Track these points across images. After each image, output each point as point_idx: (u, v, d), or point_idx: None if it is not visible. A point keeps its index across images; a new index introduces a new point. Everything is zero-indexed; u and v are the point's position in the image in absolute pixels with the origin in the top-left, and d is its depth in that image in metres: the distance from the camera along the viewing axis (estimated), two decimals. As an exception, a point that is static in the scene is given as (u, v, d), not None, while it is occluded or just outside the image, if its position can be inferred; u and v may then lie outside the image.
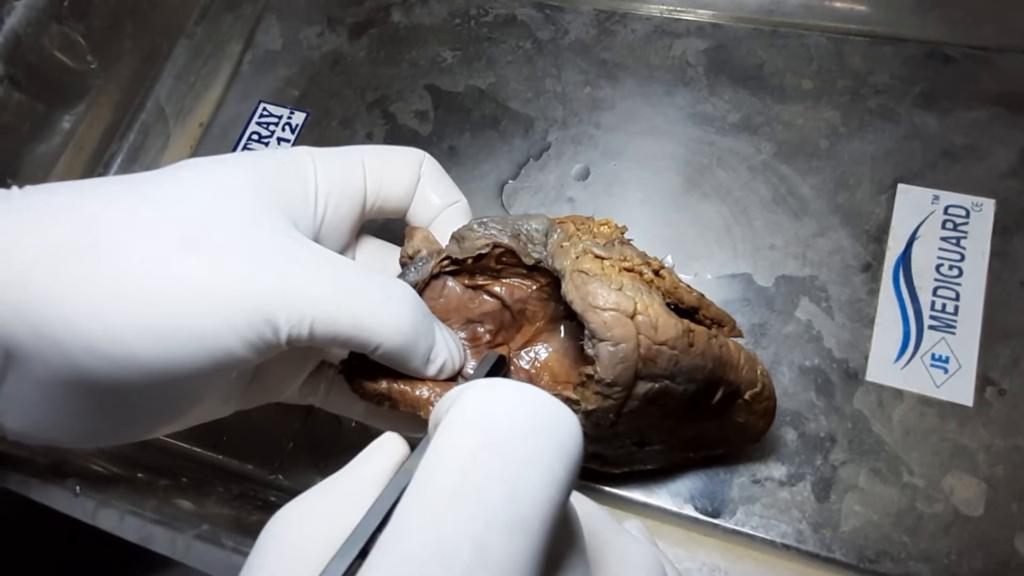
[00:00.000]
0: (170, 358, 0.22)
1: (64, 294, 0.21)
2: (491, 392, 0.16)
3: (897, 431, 0.33)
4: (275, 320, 0.22)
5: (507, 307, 0.29)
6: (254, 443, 0.37)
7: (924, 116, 0.40)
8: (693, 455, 0.30)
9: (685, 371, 0.24)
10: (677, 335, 0.24)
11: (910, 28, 0.42)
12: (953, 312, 0.35)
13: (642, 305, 0.24)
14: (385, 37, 0.48)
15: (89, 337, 0.21)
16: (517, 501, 0.14)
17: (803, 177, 0.40)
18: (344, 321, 0.24)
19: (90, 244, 0.22)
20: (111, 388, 0.22)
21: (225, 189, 0.24)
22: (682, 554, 0.32)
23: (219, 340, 0.22)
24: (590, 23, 0.46)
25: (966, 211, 0.37)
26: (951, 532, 0.31)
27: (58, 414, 0.23)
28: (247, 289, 0.22)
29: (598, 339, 0.23)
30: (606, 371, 0.23)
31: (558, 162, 0.43)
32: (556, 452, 0.15)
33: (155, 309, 0.22)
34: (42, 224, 0.22)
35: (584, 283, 0.24)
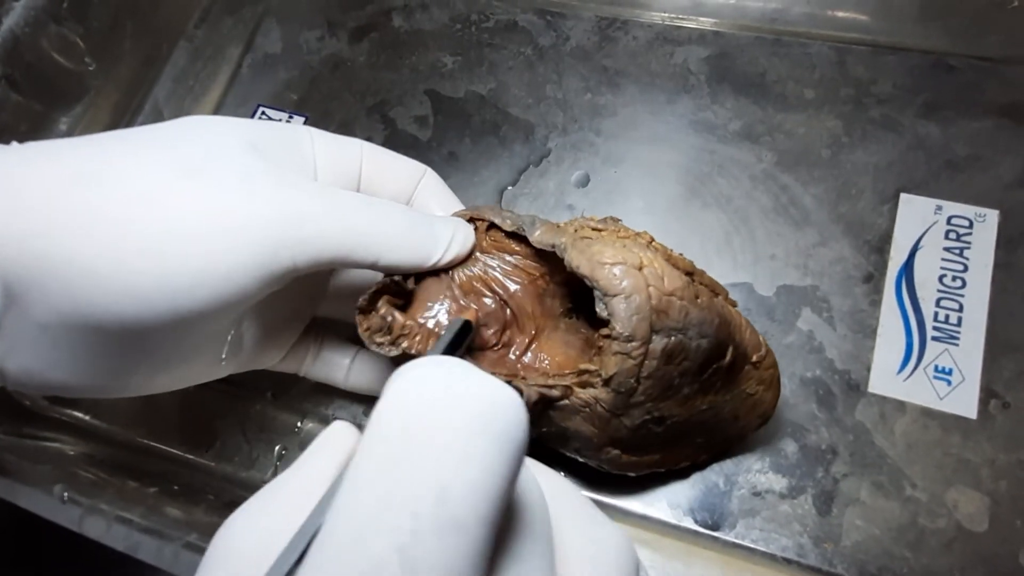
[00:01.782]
0: (174, 287, 0.22)
1: (66, 226, 0.21)
2: (421, 378, 0.14)
3: (899, 444, 0.32)
4: (274, 241, 0.23)
5: (505, 303, 0.28)
6: (248, 449, 0.36)
7: (927, 126, 0.39)
8: (702, 441, 0.30)
9: (696, 323, 0.25)
10: (684, 284, 0.24)
11: (913, 38, 0.42)
12: (956, 324, 0.35)
13: (646, 259, 0.24)
14: (386, 42, 0.48)
15: (92, 268, 0.21)
16: (448, 502, 0.13)
17: (805, 187, 0.39)
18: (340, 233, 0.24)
19: (92, 177, 0.22)
20: (113, 323, 0.22)
21: (224, 132, 0.25)
22: (680, 568, 0.31)
23: (223, 265, 0.22)
24: (591, 30, 0.46)
25: (969, 222, 0.37)
26: (954, 548, 0.30)
27: (58, 354, 0.22)
28: (249, 211, 0.23)
29: (611, 295, 0.24)
30: (623, 325, 0.23)
31: (558, 169, 0.42)
32: (493, 441, 0.14)
33: (158, 236, 0.22)
34: (44, 164, 0.22)
35: (588, 246, 0.25)
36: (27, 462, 0.28)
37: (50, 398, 0.39)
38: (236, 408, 0.37)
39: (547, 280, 0.29)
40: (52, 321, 0.21)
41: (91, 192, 0.22)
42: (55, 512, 0.26)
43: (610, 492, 0.33)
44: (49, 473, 0.27)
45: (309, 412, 0.37)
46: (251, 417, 0.37)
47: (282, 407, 0.37)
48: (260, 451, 0.36)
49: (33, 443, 0.32)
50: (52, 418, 0.37)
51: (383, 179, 0.29)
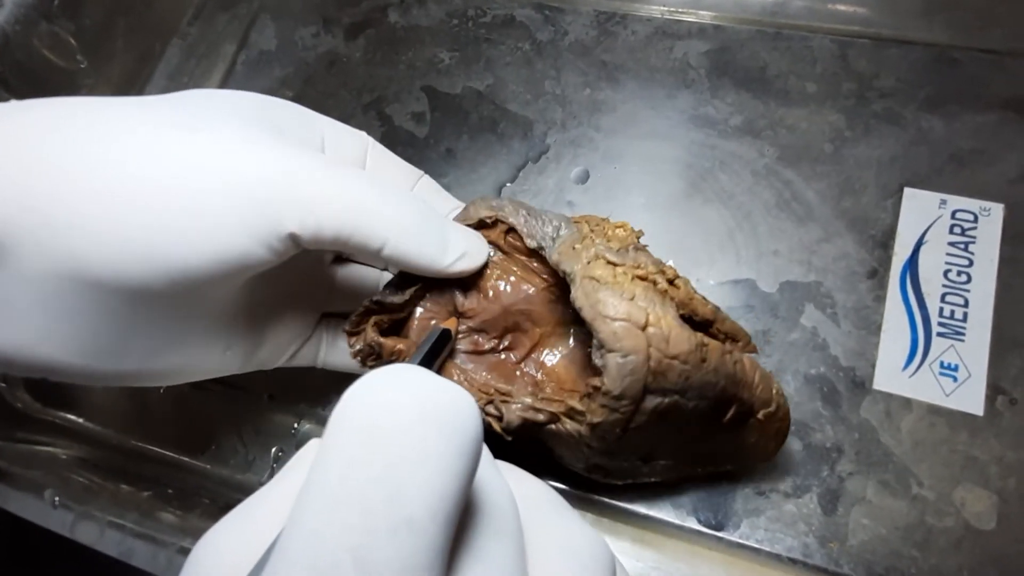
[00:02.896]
0: (171, 243, 0.21)
1: (61, 177, 0.20)
2: (373, 384, 0.14)
3: (906, 442, 0.32)
4: (278, 204, 0.22)
5: (511, 307, 0.27)
6: (245, 451, 0.36)
7: (931, 120, 0.39)
8: (700, 470, 0.29)
9: (696, 387, 0.23)
10: (690, 349, 0.23)
11: (916, 31, 0.42)
12: (962, 319, 0.34)
13: (654, 316, 0.23)
14: (382, 38, 0.48)
15: (86, 220, 0.20)
16: (400, 501, 0.13)
17: (807, 182, 0.39)
18: (347, 208, 0.23)
19: (88, 128, 0.21)
20: (108, 280, 0.21)
21: (234, 100, 0.24)
22: (685, 569, 0.31)
23: (223, 222, 0.21)
24: (590, 24, 0.45)
25: (974, 216, 0.36)
26: (962, 547, 0.30)
27: (49, 322, 0.21)
28: (252, 171, 0.22)
29: (607, 350, 0.22)
30: (614, 383, 0.22)
31: (557, 165, 0.42)
32: (446, 440, 0.14)
33: (156, 189, 0.21)
34: (39, 117, 0.22)
35: (595, 290, 0.23)
36: (17, 466, 0.27)
37: (43, 398, 0.38)
38: (232, 410, 0.37)
39: (560, 288, 0.28)
40: (46, 277, 0.21)
41: (86, 143, 0.21)
42: (46, 517, 0.25)
43: (612, 494, 0.32)
44: (40, 477, 0.27)
45: (306, 413, 0.36)
46: (247, 419, 0.37)
47: (279, 409, 0.37)
48: (256, 453, 0.35)
49: (25, 447, 0.31)
50: (44, 421, 0.36)
51: (385, 173, 0.28)
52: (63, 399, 0.38)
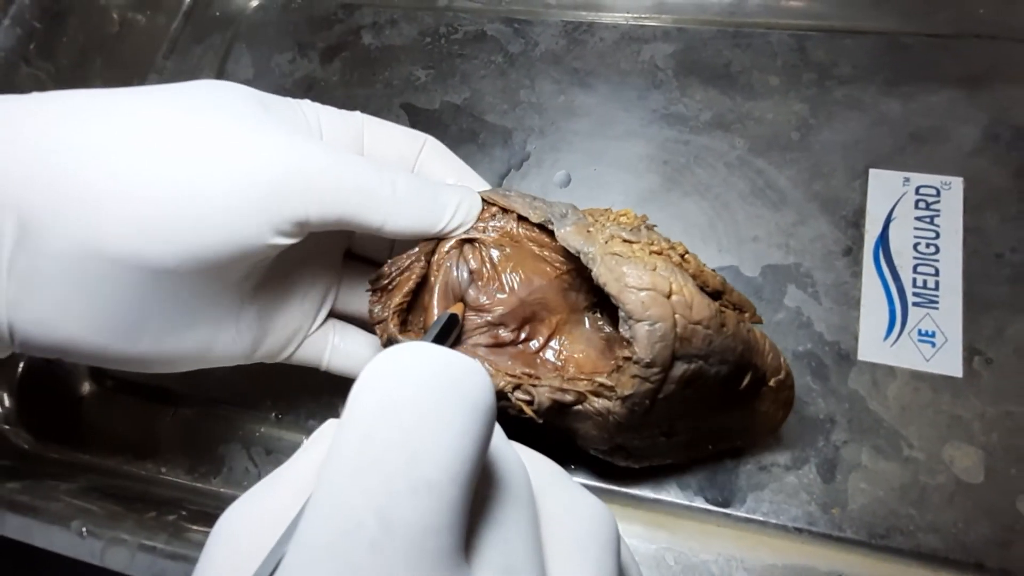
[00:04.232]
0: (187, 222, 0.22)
1: (83, 162, 0.22)
2: (389, 359, 0.15)
3: (893, 407, 0.34)
4: (284, 189, 0.23)
5: (526, 298, 0.28)
6: (257, 472, 0.36)
7: (889, 103, 0.41)
8: (712, 447, 0.31)
9: (718, 352, 0.25)
10: (711, 314, 0.24)
11: (868, 20, 0.44)
12: (934, 288, 0.36)
13: (676, 285, 0.24)
14: (357, 59, 0.49)
15: (104, 198, 0.21)
16: (419, 464, 0.14)
17: (779, 169, 0.41)
18: (347, 189, 0.25)
19: (102, 112, 0.23)
20: (126, 265, 0.22)
21: (235, 89, 0.26)
22: (696, 547, 0.32)
23: (236, 204, 0.23)
24: (559, 34, 0.47)
25: (936, 190, 0.38)
26: (955, 501, 0.31)
27: (71, 299, 0.22)
28: (261, 155, 0.23)
29: (635, 319, 0.23)
30: (645, 351, 0.23)
31: (539, 170, 0.43)
32: (461, 407, 0.15)
33: (170, 170, 0.22)
34: (56, 104, 0.23)
35: (618, 264, 0.24)
36: (39, 500, 0.27)
37: (46, 436, 0.38)
38: (240, 431, 0.37)
39: (573, 275, 0.29)
40: (66, 255, 0.22)
41: (104, 129, 0.22)
42: (75, 548, 0.25)
43: (620, 480, 0.34)
44: (63, 510, 0.27)
45: (315, 430, 0.37)
46: (256, 440, 0.37)
47: (288, 427, 0.37)
48: (269, 472, 0.36)
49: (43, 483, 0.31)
50: (51, 459, 0.37)
51: (385, 148, 0.30)
52: (67, 436, 0.39)
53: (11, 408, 0.39)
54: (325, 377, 0.38)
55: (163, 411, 0.38)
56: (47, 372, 0.40)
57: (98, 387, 0.40)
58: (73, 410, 0.39)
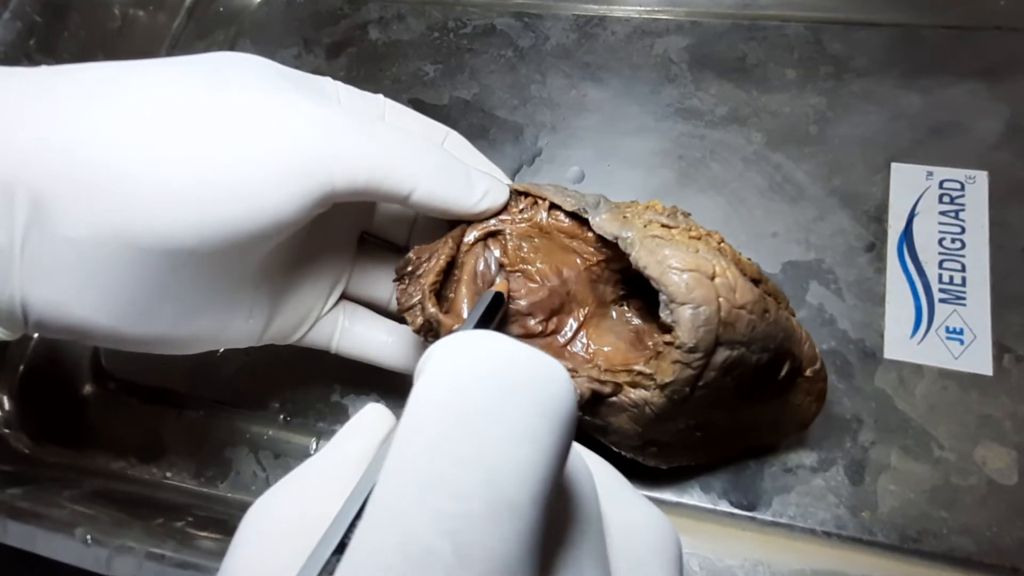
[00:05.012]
0: (208, 198, 0.21)
1: (98, 133, 0.21)
2: (460, 352, 0.14)
3: (921, 406, 0.33)
4: (312, 159, 0.23)
5: (555, 291, 0.28)
6: (265, 476, 0.35)
7: (908, 95, 0.40)
8: (741, 443, 0.30)
9: (760, 338, 0.24)
10: (755, 299, 0.23)
11: (884, 12, 0.43)
12: (961, 283, 0.35)
13: (720, 268, 0.23)
14: (364, 55, 0.48)
15: (123, 175, 0.21)
16: (496, 483, 0.12)
17: (796, 163, 0.40)
18: (376, 156, 0.24)
19: (124, 85, 0.22)
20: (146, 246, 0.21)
21: (257, 61, 0.25)
22: (721, 551, 0.31)
23: (261, 177, 0.22)
24: (569, 28, 0.46)
25: (960, 184, 0.38)
26: (988, 503, 0.30)
27: (84, 280, 0.22)
28: (287, 125, 0.23)
29: (678, 303, 0.22)
30: (688, 335, 0.22)
31: (552, 166, 0.42)
32: (541, 415, 0.13)
33: (192, 144, 0.21)
34: (76, 77, 0.22)
35: (659, 247, 0.23)
36: (42, 507, 0.26)
37: (46, 439, 0.37)
38: (247, 434, 0.36)
39: (603, 267, 0.28)
40: (82, 235, 0.21)
41: (123, 99, 0.22)
42: (80, 556, 0.24)
43: (642, 482, 0.33)
44: (67, 516, 0.26)
45: (324, 433, 0.36)
46: (263, 443, 0.36)
47: (296, 429, 0.36)
48: (277, 477, 0.35)
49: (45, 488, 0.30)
50: (52, 463, 0.35)
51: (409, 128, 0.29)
52: (69, 439, 0.37)
53: (11, 411, 0.38)
54: (334, 378, 0.37)
55: (168, 413, 0.37)
56: (48, 374, 0.39)
57: (100, 389, 0.38)
58: (75, 413, 0.38)
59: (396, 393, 0.36)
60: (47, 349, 0.39)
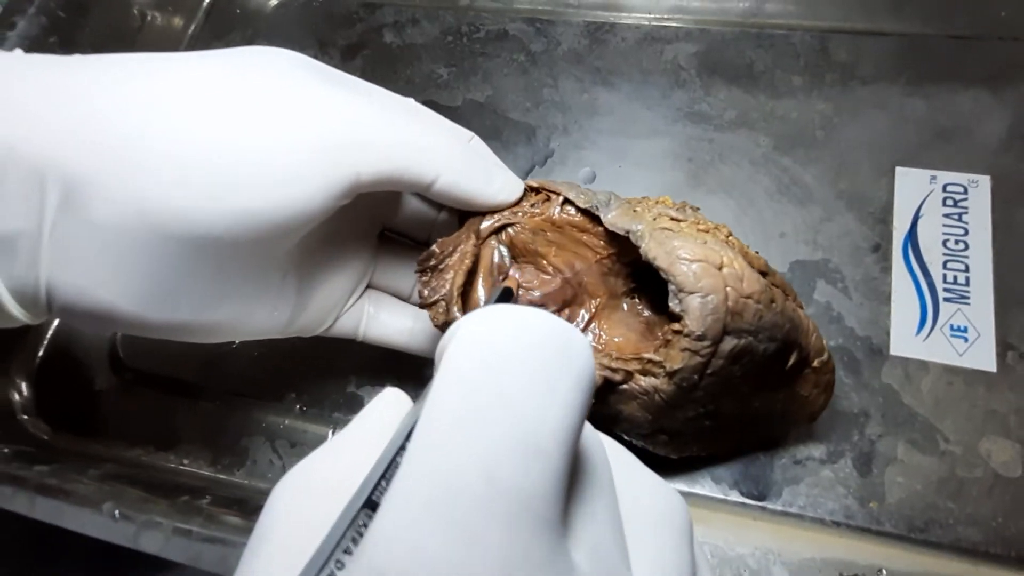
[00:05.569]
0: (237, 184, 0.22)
1: (129, 120, 0.21)
2: (490, 317, 0.15)
3: (928, 401, 0.33)
4: (340, 148, 0.23)
5: (568, 282, 0.28)
6: (282, 464, 0.36)
7: (913, 102, 0.41)
8: (750, 435, 0.30)
9: (767, 328, 0.24)
10: (761, 289, 0.24)
11: (889, 22, 0.44)
12: (965, 283, 0.36)
13: (727, 258, 0.24)
14: (379, 57, 0.49)
15: (154, 161, 0.21)
16: (525, 426, 0.13)
17: (804, 167, 0.41)
18: (403, 145, 0.24)
19: (156, 73, 0.23)
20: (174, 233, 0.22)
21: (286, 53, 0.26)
22: (732, 540, 0.31)
23: (289, 165, 0.22)
24: (581, 34, 0.47)
25: (964, 188, 0.38)
26: (994, 495, 0.31)
27: (111, 266, 0.22)
28: (315, 115, 0.23)
29: (687, 292, 0.23)
30: (696, 323, 0.23)
31: (563, 167, 0.43)
32: (564, 373, 0.14)
33: (222, 132, 0.22)
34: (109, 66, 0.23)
35: (668, 239, 0.24)
36: (69, 483, 0.27)
37: (65, 427, 0.38)
38: (263, 424, 0.37)
39: (613, 260, 0.29)
40: (110, 220, 0.21)
41: (155, 89, 0.22)
42: (108, 531, 0.24)
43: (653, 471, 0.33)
44: (94, 493, 0.26)
45: (340, 423, 0.36)
46: (280, 432, 0.36)
47: (312, 419, 0.37)
48: (294, 465, 0.35)
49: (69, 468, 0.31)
50: (71, 450, 0.36)
51: None
52: (85, 427, 0.38)
53: (29, 397, 0.38)
54: (350, 369, 0.38)
55: (183, 404, 0.38)
56: (66, 363, 0.39)
57: (117, 379, 0.39)
58: (92, 401, 0.38)
59: (411, 383, 0.36)
60: (65, 338, 0.40)
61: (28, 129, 0.21)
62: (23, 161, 0.21)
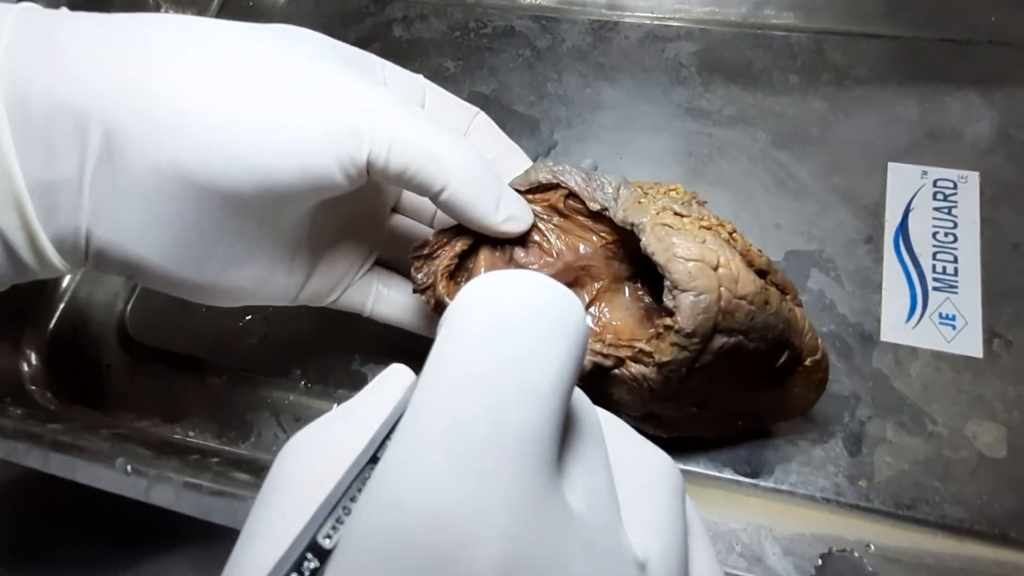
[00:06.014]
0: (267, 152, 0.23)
1: (173, 80, 0.22)
2: (491, 280, 0.16)
3: (916, 385, 0.34)
4: (360, 132, 0.24)
5: (571, 265, 0.29)
6: (286, 437, 0.36)
7: (905, 102, 0.43)
8: (742, 424, 0.31)
9: (759, 328, 0.25)
10: (756, 291, 0.24)
11: (883, 25, 0.46)
12: (953, 274, 0.37)
13: (724, 259, 0.24)
14: (388, 50, 0.50)
15: (192, 123, 0.22)
16: (526, 373, 0.14)
17: (799, 162, 0.42)
18: (419, 146, 0.25)
19: (201, 40, 0.23)
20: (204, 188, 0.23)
21: (308, 33, 0.27)
22: (726, 515, 0.32)
23: (315, 140, 0.23)
24: (585, 31, 0.49)
25: (953, 183, 0.40)
26: (979, 475, 0.32)
27: (148, 219, 0.23)
28: (346, 98, 0.24)
29: (680, 289, 0.24)
30: (687, 321, 0.24)
31: (567, 159, 0.44)
32: (560, 326, 0.15)
33: (258, 101, 0.23)
34: (154, 25, 0.24)
35: (667, 235, 0.25)
36: (83, 440, 0.27)
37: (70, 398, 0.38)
38: (268, 399, 0.37)
39: (618, 245, 0.30)
40: (146, 173, 0.22)
41: (195, 52, 0.23)
42: (121, 484, 0.25)
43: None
44: (108, 449, 0.27)
45: (344, 398, 0.37)
46: (285, 408, 0.37)
47: (316, 395, 0.37)
48: (298, 439, 0.36)
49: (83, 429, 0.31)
50: (79, 420, 0.36)
51: (443, 113, 0.30)
52: (93, 400, 0.38)
53: (38, 368, 0.39)
54: (354, 348, 0.39)
55: (191, 379, 0.39)
56: (76, 336, 0.40)
57: (126, 355, 0.40)
58: (99, 376, 0.39)
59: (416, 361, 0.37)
60: (76, 312, 0.41)
61: (76, 82, 0.22)
62: (70, 113, 0.22)
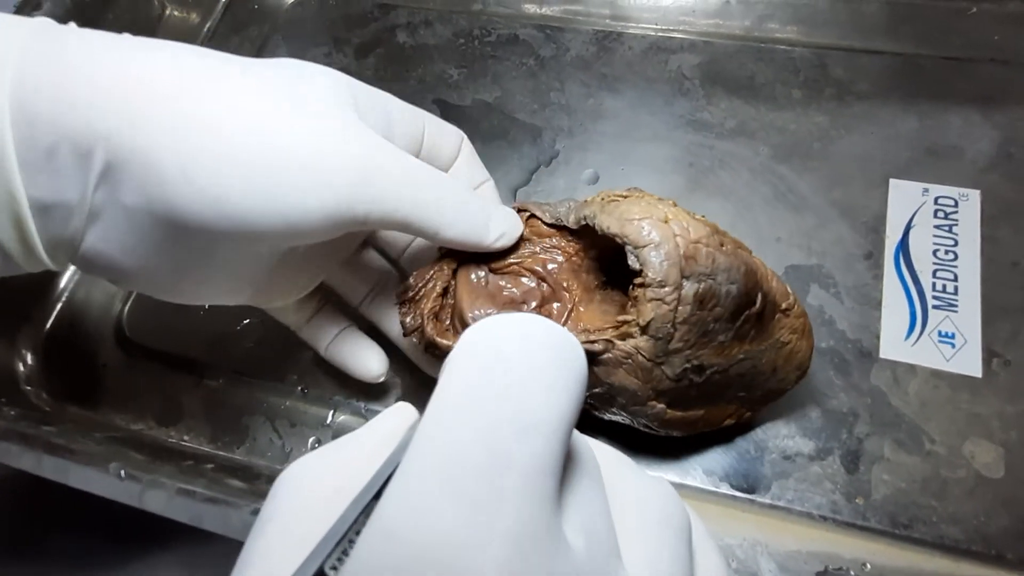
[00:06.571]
0: (255, 206, 0.23)
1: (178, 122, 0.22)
2: (493, 323, 0.16)
3: (914, 403, 0.34)
4: (355, 195, 0.24)
5: (544, 280, 0.30)
6: (281, 443, 0.36)
7: (906, 118, 0.43)
8: (743, 395, 0.31)
9: (723, 269, 0.26)
10: (708, 233, 0.27)
11: (886, 42, 0.46)
12: (953, 292, 0.37)
13: (671, 214, 0.27)
14: (391, 56, 0.50)
15: (186, 165, 0.22)
16: (526, 409, 0.14)
17: (800, 176, 0.42)
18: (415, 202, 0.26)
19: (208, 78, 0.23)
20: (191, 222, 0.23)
21: (331, 78, 0.26)
22: (722, 531, 0.32)
23: (305, 198, 0.23)
24: (589, 41, 0.49)
25: (954, 201, 0.40)
26: (976, 494, 0.32)
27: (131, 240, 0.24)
28: (342, 156, 0.24)
29: (640, 246, 0.26)
30: (656, 272, 0.25)
31: (567, 168, 0.44)
32: (561, 367, 0.16)
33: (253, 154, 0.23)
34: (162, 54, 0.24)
35: (615, 208, 0.27)
36: (76, 443, 0.27)
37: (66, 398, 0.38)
38: (264, 403, 0.37)
39: (582, 256, 0.31)
40: (139, 206, 0.23)
41: (207, 95, 0.23)
42: (113, 489, 0.25)
43: (646, 463, 0.34)
44: (102, 452, 0.27)
45: (340, 405, 0.37)
46: (281, 413, 0.37)
47: (312, 401, 0.37)
48: (293, 444, 0.36)
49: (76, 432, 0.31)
50: (73, 422, 0.36)
51: (440, 144, 0.31)
52: (88, 400, 0.38)
53: (33, 367, 0.39)
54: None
55: (187, 382, 0.38)
56: (72, 336, 0.40)
57: (122, 356, 0.39)
58: (95, 376, 0.39)
59: (410, 365, 0.37)
60: (72, 313, 0.41)
61: (82, 112, 0.22)
62: (75, 143, 0.22)
